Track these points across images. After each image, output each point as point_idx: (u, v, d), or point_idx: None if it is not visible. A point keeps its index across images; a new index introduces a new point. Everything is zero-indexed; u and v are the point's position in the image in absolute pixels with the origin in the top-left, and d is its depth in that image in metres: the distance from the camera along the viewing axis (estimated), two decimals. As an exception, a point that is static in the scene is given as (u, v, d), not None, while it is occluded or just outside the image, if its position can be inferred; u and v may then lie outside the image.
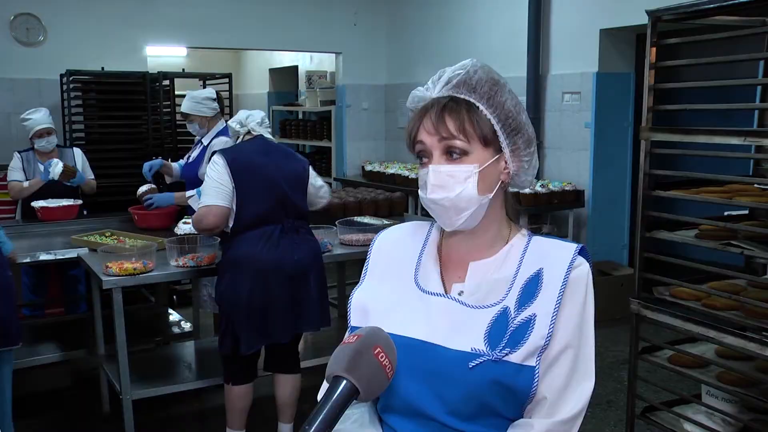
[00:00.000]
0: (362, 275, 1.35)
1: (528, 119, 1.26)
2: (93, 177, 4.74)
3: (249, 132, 3.18)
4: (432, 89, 1.26)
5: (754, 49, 3.11)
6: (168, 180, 4.36)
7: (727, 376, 2.62)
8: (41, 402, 3.90)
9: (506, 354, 1.14)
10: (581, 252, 1.22)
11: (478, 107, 1.20)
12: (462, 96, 1.21)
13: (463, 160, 1.18)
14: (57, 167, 4.28)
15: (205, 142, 4.04)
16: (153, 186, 4.17)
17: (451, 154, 1.19)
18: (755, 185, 2.75)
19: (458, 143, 1.18)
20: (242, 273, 2.99)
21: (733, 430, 2.62)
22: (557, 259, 1.20)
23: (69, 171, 4.35)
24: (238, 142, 3.21)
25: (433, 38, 7.22)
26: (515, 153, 1.23)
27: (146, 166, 4.19)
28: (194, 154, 4.14)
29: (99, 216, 4.53)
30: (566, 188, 5.58)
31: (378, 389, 1.03)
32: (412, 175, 6.39)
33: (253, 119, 3.18)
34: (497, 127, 1.21)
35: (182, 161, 4.31)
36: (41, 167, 4.42)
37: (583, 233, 5.79)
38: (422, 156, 1.22)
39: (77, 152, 4.71)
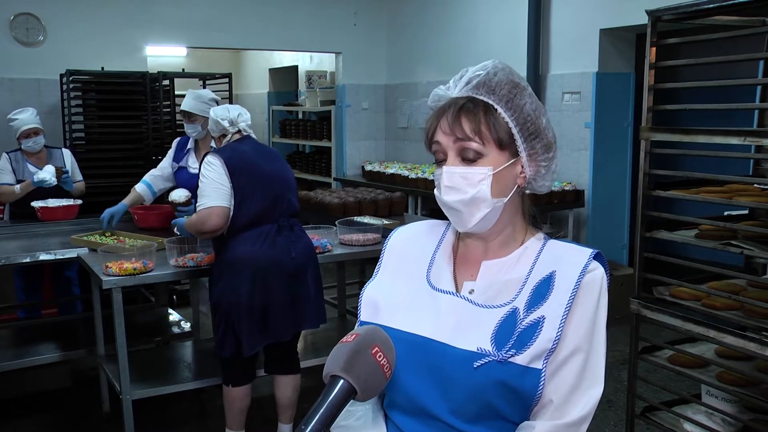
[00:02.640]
0: (375, 271, 1.35)
1: (549, 124, 1.24)
2: (81, 179, 4.69)
3: (239, 131, 3.17)
4: (453, 89, 1.24)
5: (754, 49, 3.11)
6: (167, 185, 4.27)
7: (727, 376, 2.62)
8: (41, 402, 3.90)
9: (512, 355, 1.13)
10: (597, 257, 1.21)
11: (496, 109, 1.19)
12: (481, 97, 1.20)
13: (477, 163, 1.18)
14: (52, 179, 4.24)
15: (214, 146, 3.94)
16: (189, 196, 3.75)
17: (466, 156, 1.18)
18: (755, 185, 2.75)
19: (473, 145, 1.17)
20: (241, 274, 2.98)
21: (733, 430, 2.62)
22: (571, 262, 1.20)
23: (58, 171, 4.32)
24: (225, 142, 3.18)
25: (433, 38, 7.22)
26: (532, 157, 1.22)
27: (107, 214, 3.91)
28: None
29: (99, 216, 4.52)
30: (566, 188, 5.58)
31: (376, 389, 1.03)
32: (412, 175, 6.40)
33: (243, 119, 3.16)
34: (515, 131, 1.20)
35: (156, 174, 4.15)
36: (30, 167, 4.39)
37: (583, 233, 5.80)
38: (438, 156, 1.22)
39: (66, 153, 4.65)
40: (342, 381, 0.98)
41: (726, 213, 2.87)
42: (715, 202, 2.60)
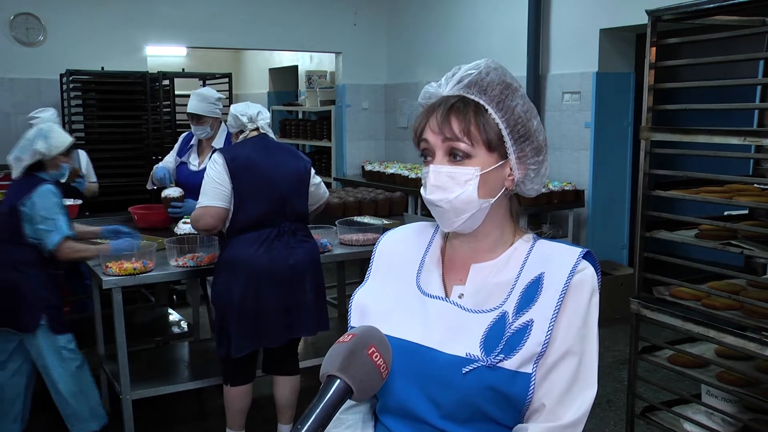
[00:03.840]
0: (366, 275, 1.34)
1: (540, 126, 1.22)
2: (95, 180, 4.68)
3: (256, 129, 3.13)
4: (444, 86, 1.22)
5: (754, 49, 3.11)
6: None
7: (726, 375, 2.62)
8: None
9: (500, 360, 1.12)
10: (586, 256, 1.19)
11: (486, 110, 1.17)
12: (472, 97, 1.18)
13: (465, 163, 1.16)
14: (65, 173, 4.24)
15: (216, 146, 3.92)
16: (182, 192, 3.89)
17: (453, 156, 1.16)
18: (755, 185, 2.75)
19: (461, 145, 1.16)
20: (236, 275, 2.97)
21: (733, 430, 2.62)
22: (560, 263, 1.17)
23: (75, 172, 4.32)
24: (241, 138, 3.15)
25: (433, 38, 7.22)
26: (522, 160, 1.19)
27: (160, 171, 3.99)
28: (208, 161, 4.00)
29: (99, 216, 4.52)
30: (566, 188, 5.58)
31: (372, 389, 1.02)
32: (412, 175, 6.40)
33: (263, 118, 3.13)
34: (504, 132, 1.17)
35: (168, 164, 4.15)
36: None
37: (583, 233, 5.80)
38: (426, 154, 1.20)
39: (81, 154, 4.65)
40: (338, 381, 0.98)
41: (726, 213, 2.87)
42: (715, 202, 2.60)
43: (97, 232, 3.51)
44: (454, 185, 1.16)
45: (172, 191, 3.89)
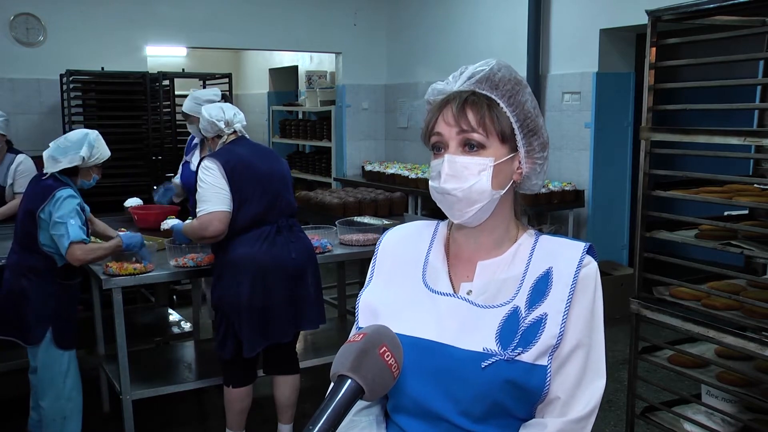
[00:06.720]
0: (369, 275, 1.34)
1: (544, 124, 1.27)
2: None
3: (234, 132, 3.15)
4: (452, 84, 1.26)
5: (754, 49, 3.11)
6: (176, 199, 4.30)
7: (726, 376, 2.62)
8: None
9: (519, 353, 1.14)
10: (589, 251, 1.22)
11: (498, 104, 1.21)
12: (483, 92, 1.22)
13: (479, 153, 1.19)
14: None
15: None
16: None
17: (468, 147, 1.19)
18: (755, 185, 2.75)
19: (476, 136, 1.19)
20: (241, 274, 2.98)
21: (733, 430, 2.62)
22: (566, 258, 1.21)
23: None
24: (220, 143, 3.14)
25: (433, 38, 7.22)
26: (530, 154, 1.24)
27: (161, 192, 4.12)
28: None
29: (99, 216, 4.51)
30: (566, 188, 5.58)
31: (383, 389, 1.02)
32: (412, 175, 6.40)
33: (239, 119, 3.14)
34: (515, 126, 1.22)
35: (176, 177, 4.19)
36: None
37: (583, 233, 5.80)
38: (439, 147, 1.22)
39: (19, 159, 4.30)
40: (349, 381, 0.98)
41: (726, 213, 2.87)
42: (715, 202, 2.60)
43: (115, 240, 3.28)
44: (468, 174, 1.18)
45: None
